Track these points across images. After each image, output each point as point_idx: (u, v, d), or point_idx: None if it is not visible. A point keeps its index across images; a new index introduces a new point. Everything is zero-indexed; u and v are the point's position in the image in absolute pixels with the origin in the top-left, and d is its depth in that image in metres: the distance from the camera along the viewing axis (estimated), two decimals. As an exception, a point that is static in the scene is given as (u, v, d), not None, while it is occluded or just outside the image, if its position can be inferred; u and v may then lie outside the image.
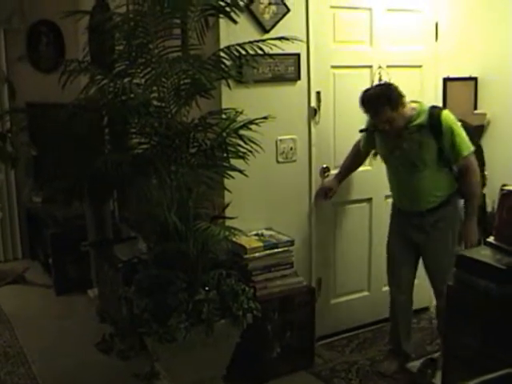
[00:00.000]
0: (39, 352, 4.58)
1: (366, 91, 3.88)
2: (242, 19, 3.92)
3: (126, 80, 3.49)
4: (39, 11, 6.55)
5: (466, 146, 3.81)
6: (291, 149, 4.28)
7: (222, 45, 3.76)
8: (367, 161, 4.49)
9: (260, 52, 3.61)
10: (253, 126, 3.61)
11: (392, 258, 4.23)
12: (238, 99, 3.93)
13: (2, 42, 6.47)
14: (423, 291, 4.86)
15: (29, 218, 6.77)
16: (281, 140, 4.24)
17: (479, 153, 4.05)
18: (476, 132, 5.02)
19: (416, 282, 4.24)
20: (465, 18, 4.92)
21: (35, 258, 6.74)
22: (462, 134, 3.81)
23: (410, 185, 3.94)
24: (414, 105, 3.91)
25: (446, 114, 3.82)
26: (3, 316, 5.30)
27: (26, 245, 6.91)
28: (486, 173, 4.13)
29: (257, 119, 3.61)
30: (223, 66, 3.62)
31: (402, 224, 4.13)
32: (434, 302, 4.91)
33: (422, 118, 3.82)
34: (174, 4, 3.50)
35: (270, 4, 4.04)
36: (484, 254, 3.33)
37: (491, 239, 3.45)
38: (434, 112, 3.83)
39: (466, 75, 5.02)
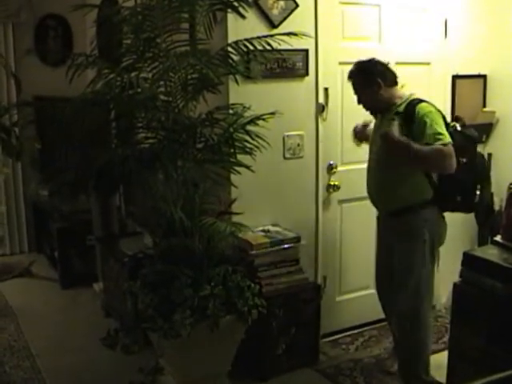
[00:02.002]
0: (44, 346, 4.59)
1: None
2: (251, 14, 3.90)
3: (133, 74, 3.48)
4: (47, 5, 6.56)
5: (437, 138, 3.45)
6: (298, 145, 4.27)
7: (230, 40, 3.74)
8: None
9: (268, 47, 3.60)
10: (260, 122, 3.60)
11: (376, 265, 4.15)
12: (245, 94, 3.92)
13: (11, 36, 6.48)
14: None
15: (35, 211, 6.79)
16: (288, 136, 4.22)
17: (481, 165, 3.84)
18: (484, 130, 5.03)
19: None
20: (474, 16, 4.89)
21: (41, 252, 6.75)
22: (436, 128, 3.48)
23: (376, 176, 3.81)
24: (406, 93, 3.77)
25: (423, 105, 3.60)
26: (9, 309, 5.31)
27: (33, 238, 6.93)
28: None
29: (264, 115, 3.60)
30: (231, 61, 3.61)
31: (379, 228, 4.04)
32: (444, 300, 4.91)
33: (402, 107, 3.67)
34: (182, -2, 3.51)
35: (278, -1, 4.03)
36: (491, 253, 3.32)
37: (498, 238, 3.44)
38: (413, 102, 3.64)
39: (475, 73, 5.00)
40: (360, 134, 4.16)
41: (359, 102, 3.86)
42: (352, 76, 3.83)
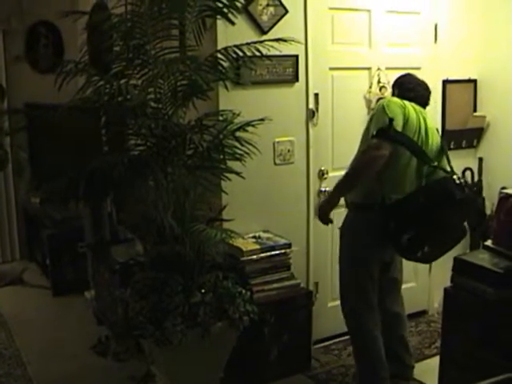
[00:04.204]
0: (35, 354, 4.57)
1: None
2: (240, 20, 3.90)
3: (122, 81, 3.47)
4: (38, 12, 6.54)
5: (377, 124, 3.47)
6: (289, 151, 4.26)
7: (220, 46, 3.74)
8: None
9: (258, 53, 3.58)
10: (250, 128, 3.58)
11: None
12: (235, 101, 3.91)
13: (1, 43, 6.47)
14: (420, 294, 4.86)
15: (26, 219, 6.77)
16: (278, 142, 4.22)
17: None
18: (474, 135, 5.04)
19: (413, 284, 4.22)
20: (464, 20, 4.91)
21: (33, 260, 6.73)
22: (383, 113, 3.48)
23: None
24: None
25: (384, 100, 3.64)
26: (0, 317, 5.28)
27: (24, 246, 6.90)
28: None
29: (254, 121, 3.59)
30: (220, 67, 3.59)
31: None
32: (436, 305, 4.92)
33: None
34: (171, 5, 3.49)
35: (268, 5, 4.02)
36: (482, 258, 3.32)
37: (489, 243, 3.44)
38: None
39: (466, 77, 5.01)
40: None
41: None
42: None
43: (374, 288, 3.72)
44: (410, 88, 3.74)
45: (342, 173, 4.33)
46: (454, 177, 3.49)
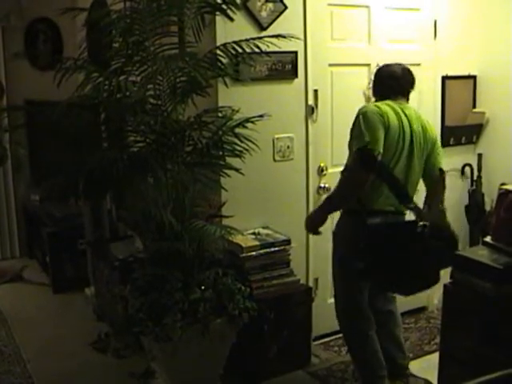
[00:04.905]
0: (35, 351, 4.56)
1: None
2: (239, 17, 3.90)
3: (121, 78, 3.47)
4: (37, 9, 6.53)
5: (357, 141, 3.40)
6: (288, 147, 4.26)
7: (219, 42, 3.73)
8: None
9: (257, 50, 3.59)
10: (249, 125, 3.59)
11: None
12: (234, 97, 3.91)
13: (0, 40, 6.46)
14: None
15: (26, 216, 6.76)
16: (278, 138, 4.22)
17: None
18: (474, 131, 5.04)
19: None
20: (464, 16, 4.90)
21: (33, 257, 6.72)
22: (360, 128, 3.38)
23: None
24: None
25: (360, 110, 3.48)
26: (0, 314, 5.28)
27: (24, 243, 6.90)
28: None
29: (253, 117, 3.59)
30: (220, 63, 3.60)
31: None
32: (436, 301, 4.91)
33: None
34: (170, 1, 3.49)
35: (267, 1, 4.01)
36: (481, 254, 3.31)
37: (488, 239, 3.44)
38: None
39: (465, 73, 5.01)
40: None
41: None
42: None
43: (363, 289, 3.69)
44: (386, 84, 3.67)
45: (341, 169, 4.37)
46: (420, 223, 3.37)
